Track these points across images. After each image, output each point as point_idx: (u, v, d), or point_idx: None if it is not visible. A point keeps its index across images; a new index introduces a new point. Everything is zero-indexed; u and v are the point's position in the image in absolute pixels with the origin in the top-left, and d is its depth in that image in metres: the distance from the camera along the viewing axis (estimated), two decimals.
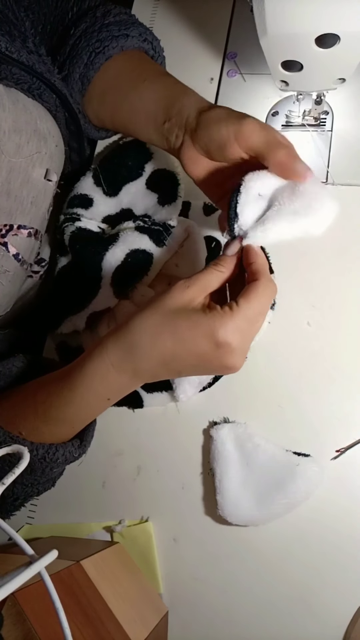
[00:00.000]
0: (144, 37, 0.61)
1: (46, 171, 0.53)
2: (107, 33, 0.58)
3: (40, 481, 0.49)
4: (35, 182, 0.52)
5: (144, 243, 0.56)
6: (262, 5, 0.44)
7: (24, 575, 0.33)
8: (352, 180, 0.59)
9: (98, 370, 0.44)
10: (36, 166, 0.52)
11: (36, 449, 0.45)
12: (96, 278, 0.57)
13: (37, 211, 0.53)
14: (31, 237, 0.52)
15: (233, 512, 0.49)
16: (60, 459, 0.46)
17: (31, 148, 0.50)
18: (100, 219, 0.63)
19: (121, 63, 0.59)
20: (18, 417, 0.45)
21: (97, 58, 0.58)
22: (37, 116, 0.52)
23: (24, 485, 0.48)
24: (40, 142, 0.52)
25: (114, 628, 0.42)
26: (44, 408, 0.45)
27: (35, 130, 0.51)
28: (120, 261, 0.56)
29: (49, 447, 0.45)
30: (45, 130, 0.53)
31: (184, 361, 0.43)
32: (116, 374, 0.44)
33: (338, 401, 0.52)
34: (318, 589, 0.49)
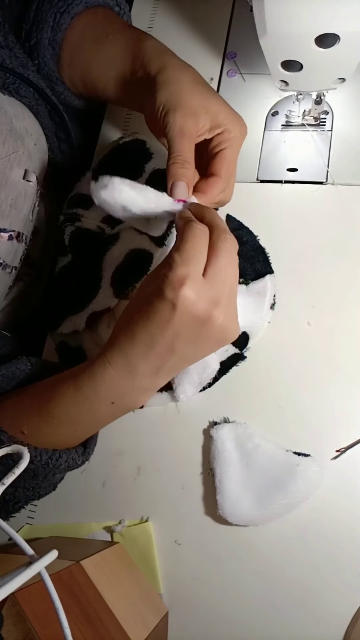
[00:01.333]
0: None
1: (25, 172, 0.52)
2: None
3: (42, 485, 0.49)
4: (14, 184, 0.51)
5: (143, 243, 0.56)
6: (262, 5, 0.44)
7: (24, 575, 0.33)
8: (352, 180, 0.59)
9: (97, 370, 0.44)
10: (14, 167, 0.51)
11: (40, 455, 0.45)
12: (96, 278, 0.57)
13: (17, 213, 0.52)
14: (12, 240, 0.51)
15: (233, 512, 0.49)
16: (64, 465, 0.46)
17: (7, 149, 0.49)
18: (100, 219, 0.63)
19: (85, 21, 0.57)
20: (21, 417, 0.45)
21: (63, 18, 0.56)
22: (12, 115, 0.51)
23: (25, 489, 0.48)
24: (17, 142, 0.51)
25: (114, 628, 0.42)
26: (48, 408, 0.45)
27: (10, 130, 0.50)
28: (120, 261, 0.56)
29: (52, 453, 0.45)
30: (22, 129, 0.51)
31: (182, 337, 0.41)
32: (114, 372, 0.43)
33: (338, 401, 0.52)
34: (318, 589, 0.49)
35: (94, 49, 0.56)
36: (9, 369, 0.49)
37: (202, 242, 0.40)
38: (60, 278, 0.61)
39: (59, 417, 0.45)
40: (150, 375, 0.44)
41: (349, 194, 0.59)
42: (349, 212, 0.58)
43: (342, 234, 0.58)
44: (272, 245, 0.57)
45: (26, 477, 0.45)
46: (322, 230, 0.58)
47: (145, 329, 0.42)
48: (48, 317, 0.60)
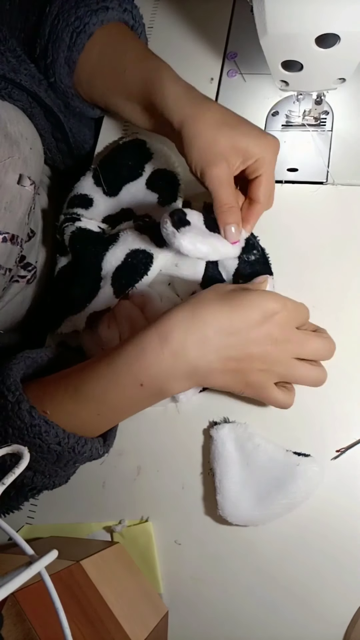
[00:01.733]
0: (124, 6, 0.58)
1: (20, 176, 0.52)
2: (85, 8, 0.55)
3: (60, 473, 0.49)
4: (9, 188, 0.51)
5: (144, 243, 0.56)
6: (262, 5, 0.44)
7: (24, 575, 0.33)
8: (352, 180, 0.59)
9: (140, 341, 0.44)
10: (9, 172, 0.51)
11: (68, 437, 0.44)
12: (96, 278, 0.57)
13: (12, 216, 0.52)
14: (7, 242, 0.51)
15: (233, 512, 0.49)
16: (87, 453, 0.46)
17: (2, 154, 0.49)
18: (100, 219, 0.63)
19: (103, 42, 0.57)
20: (47, 395, 0.45)
21: (80, 38, 0.56)
22: (7, 119, 0.50)
23: (43, 475, 0.47)
24: (12, 147, 0.51)
25: (114, 628, 0.42)
26: (76, 383, 0.45)
27: (5, 135, 0.50)
28: (121, 261, 0.56)
29: (79, 438, 0.45)
30: (17, 134, 0.51)
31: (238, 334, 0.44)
32: (160, 347, 0.43)
33: (338, 401, 0.52)
34: (318, 589, 0.49)
35: (113, 80, 0.57)
36: (38, 353, 0.50)
37: None
38: (60, 278, 0.61)
39: (85, 392, 0.44)
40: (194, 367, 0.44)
41: (349, 194, 0.59)
42: (349, 212, 0.58)
43: (342, 234, 0.58)
44: (272, 245, 0.57)
45: (49, 460, 0.45)
46: (322, 230, 0.58)
47: (225, 316, 0.44)
48: (48, 317, 0.60)
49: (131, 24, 0.61)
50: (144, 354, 0.43)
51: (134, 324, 0.55)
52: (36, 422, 0.43)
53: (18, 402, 0.43)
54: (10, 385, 0.44)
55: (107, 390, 0.45)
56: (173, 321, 0.44)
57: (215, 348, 0.44)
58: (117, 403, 0.46)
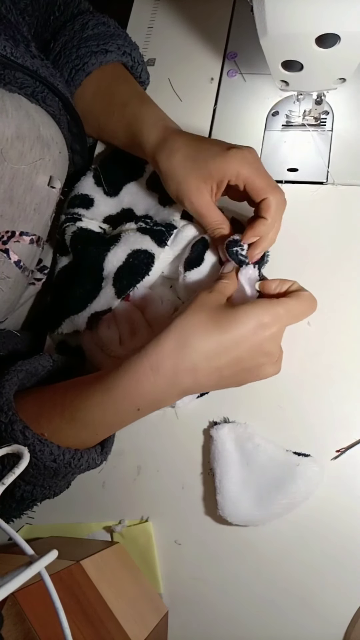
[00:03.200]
0: (123, 50, 0.62)
1: (50, 178, 0.53)
2: (86, 49, 0.60)
3: (59, 484, 0.49)
4: (39, 189, 0.52)
5: (145, 243, 0.56)
6: (262, 5, 0.44)
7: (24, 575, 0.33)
8: (352, 180, 0.59)
9: (135, 373, 0.44)
10: (40, 173, 0.51)
11: (63, 454, 0.44)
12: (98, 278, 0.57)
13: (40, 218, 0.53)
14: (33, 244, 0.52)
15: (233, 512, 0.49)
16: (84, 465, 0.46)
17: (34, 155, 0.50)
18: (102, 219, 0.63)
19: (98, 83, 0.61)
20: (43, 417, 0.45)
21: (78, 75, 0.60)
22: (40, 123, 0.52)
23: (43, 488, 0.48)
24: (43, 149, 0.52)
25: (114, 628, 0.42)
26: (72, 409, 0.45)
27: (38, 137, 0.51)
28: (122, 261, 0.56)
29: (74, 453, 0.45)
30: (48, 137, 0.53)
31: (228, 353, 0.44)
32: (153, 377, 0.44)
33: (338, 401, 0.52)
34: (318, 589, 0.49)
35: (103, 121, 0.61)
36: (32, 364, 0.49)
37: None
38: (61, 278, 0.61)
39: (82, 419, 0.45)
40: (189, 387, 0.45)
41: (349, 194, 0.59)
42: (349, 212, 0.58)
43: (342, 234, 0.58)
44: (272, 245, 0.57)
45: (46, 475, 0.45)
46: (322, 230, 0.58)
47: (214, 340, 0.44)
48: (48, 316, 0.60)
49: (130, 64, 0.64)
50: (140, 384, 0.44)
51: (134, 326, 0.55)
52: (30, 441, 0.43)
53: (11, 423, 0.43)
54: (2, 405, 0.44)
55: (105, 416, 0.45)
56: (163, 352, 0.44)
57: (207, 373, 0.45)
58: (114, 424, 0.47)
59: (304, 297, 0.48)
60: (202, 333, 0.44)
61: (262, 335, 0.45)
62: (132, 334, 0.55)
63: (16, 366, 0.48)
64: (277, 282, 0.50)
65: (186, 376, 0.45)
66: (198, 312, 0.45)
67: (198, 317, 0.45)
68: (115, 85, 0.61)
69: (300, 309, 0.48)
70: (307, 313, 0.49)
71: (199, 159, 0.52)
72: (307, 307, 0.48)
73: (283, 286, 0.50)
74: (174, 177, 0.53)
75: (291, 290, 0.49)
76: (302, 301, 0.48)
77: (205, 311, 0.45)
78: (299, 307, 0.47)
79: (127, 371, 0.44)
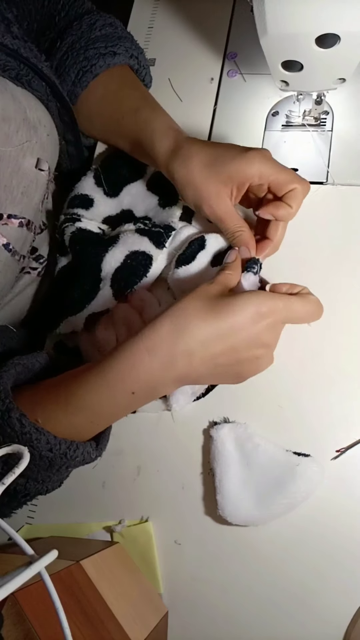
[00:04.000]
0: (130, 52, 0.62)
1: (37, 160, 0.52)
2: (94, 50, 0.59)
3: (53, 479, 0.49)
4: (26, 172, 0.51)
5: (143, 245, 0.56)
6: (262, 5, 0.44)
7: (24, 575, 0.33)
8: (352, 180, 0.59)
9: (131, 356, 0.44)
10: (27, 156, 0.51)
11: (59, 444, 0.44)
12: (96, 279, 0.57)
13: (28, 202, 0.52)
14: (23, 227, 0.52)
15: (233, 512, 0.49)
16: (79, 457, 0.46)
17: (21, 137, 0.50)
18: (101, 220, 0.63)
19: (106, 85, 0.61)
20: (37, 405, 0.45)
21: (85, 77, 0.59)
22: (26, 105, 0.51)
23: (36, 482, 0.47)
24: (30, 131, 0.51)
25: (114, 628, 0.42)
26: (67, 395, 0.45)
27: (24, 119, 0.50)
28: (120, 262, 0.56)
29: (70, 444, 0.45)
30: (35, 120, 0.52)
31: (223, 340, 0.44)
32: (148, 360, 0.44)
33: (338, 401, 0.52)
34: (318, 589, 0.49)
35: (111, 125, 0.61)
36: (29, 359, 0.49)
37: None
38: (60, 278, 0.61)
39: (76, 404, 0.45)
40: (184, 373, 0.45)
41: (349, 194, 0.59)
42: (349, 212, 0.58)
43: (342, 234, 0.58)
44: None
45: (41, 467, 0.45)
46: (322, 230, 0.58)
47: (210, 326, 0.44)
48: (47, 317, 0.60)
49: (136, 68, 0.64)
50: (135, 366, 0.44)
51: (131, 328, 0.55)
52: (27, 429, 0.43)
53: (8, 410, 0.43)
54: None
55: (100, 400, 0.45)
56: (159, 334, 0.44)
57: (202, 359, 0.45)
58: (109, 410, 0.46)
59: (308, 299, 0.48)
60: (200, 319, 0.44)
61: (259, 324, 0.45)
62: (130, 336, 0.55)
63: (13, 360, 0.48)
64: (287, 285, 0.50)
65: (181, 360, 0.44)
66: (197, 299, 0.45)
67: (196, 304, 0.45)
68: (124, 89, 0.61)
69: (301, 309, 0.48)
70: (310, 317, 0.49)
71: (217, 163, 0.52)
72: (310, 309, 0.48)
73: (293, 290, 0.50)
74: (191, 183, 0.53)
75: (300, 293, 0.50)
76: (305, 302, 0.48)
77: (203, 299, 0.45)
78: (301, 306, 0.47)
79: (122, 353, 0.44)
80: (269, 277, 0.53)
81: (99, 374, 0.45)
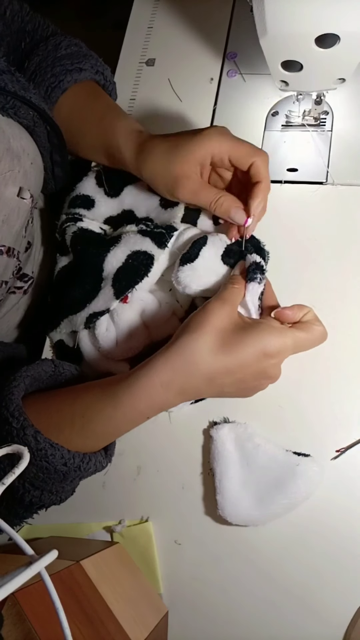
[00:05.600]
0: (96, 69, 0.63)
1: (19, 189, 0.53)
2: (60, 67, 0.61)
3: (66, 489, 0.50)
4: (7, 201, 0.52)
5: (145, 245, 0.56)
6: (262, 5, 0.44)
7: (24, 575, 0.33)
8: (352, 180, 0.59)
9: (146, 389, 0.45)
10: (9, 184, 0.51)
11: (73, 457, 0.45)
12: (97, 279, 0.56)
13: (9, 229, 0.52)
14: (2, 255, 0.52)
15: (233, 512, 0.49)
16: (92, 468, 0.48)
17: (3, 167, 0.50)
18: (102, 220, 0.63)
19: (73, 100, 0.62)
20: (52, 427, 0.46)
21: (54, 92, 0.61)
22: (10, 135, 0.52)
23: (50, 493, 0.48)
24: (13, 161, 0.51)
25: (114, 628, 0.42)
26: (83, 422, 0.46)
27: (7, 149, 0.51)
28: (122, 262, 0.56)
29: (83, 456, 0.46)
30: (19, 148, 0.53)
31: (231, 375, 0.46)
32: (163, 393, 0.46)
33: (338, 401, 0.52)
34: (318, 589, 0.49)
35: (79, 136, 0.62)
36: (36, 370, 0.50)
37: None
38: (61, 278, 0.61)
39: (93, 430, 0.47)
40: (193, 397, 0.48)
41: (349, 194, 0.59)
42: (349, 212, 0.58)
43: (342, 234, 0.58)
44: (272, 245, 0.57)
45: (56, 479, 0.46)
46: (322, 230, 0.58)
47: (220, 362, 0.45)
48: (47, 316, 0.60)
49: (102, 83, 0.65)
50: (151, 399, 0.46)
51: (132, 329, 0.55)
52: (42, 446, 0.44)
53: (23, 428, 0.44)
54: (13, 411, 0.45)
55: (116, 427, 0.47)
56: (173, 369, 0.45)
57: (211, 388, 0.47)
58: (122, 431, 0.48)
59: (315, 331, 0.48)
60: (210, 355, 0.45)
61: (267, 362, 0.46)
62: (129, 336, 0.55)
63: (21, 372, 0.48)
64: (294, 310, 0.49)
65: (193, 390, 0.47)
66: (208, 333, 0.46)
67: (206, 338, 0.45)
68: (90, 101, 0.62)
69: (309, 343, 0.48)
70: (315, 345, 0.49)
71: (177, 148, 0.53)
72: (316, 340, 0.49)
73: (298, 314, 0.49)
74: (159, 173, 0.54)
75: (305, 320, 0.49)
76: (312, 335, 0.48)
77: (215, 333, 0.46)
78: (308, 341, 0.48)
79: (137, 388, 0.46)
80: (269, 277, 0.53)
81: (115, 406, 0.46)
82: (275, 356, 0.46)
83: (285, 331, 0.47)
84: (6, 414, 0.45)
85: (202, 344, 0.45)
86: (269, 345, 0.45)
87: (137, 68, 0.72)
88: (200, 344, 0.45)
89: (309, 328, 0.48)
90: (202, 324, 0.46)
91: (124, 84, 0.71)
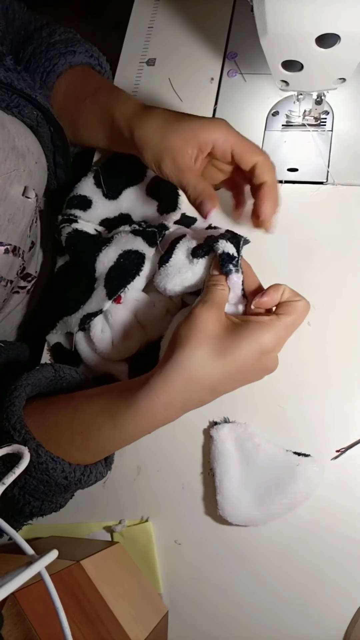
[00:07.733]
0: (90, 52, 0.63)
1: (24, 188, 0.53)
2: (54, 51, 0.60)
3: (67, 498, 0.50)
4: (13, 200, 0.52)
5: (136, 244, 0.56)
6: (262, 5, 0.44)
7: (24, 575, 0.33)
8: (352, 180, 0.59)
9: (147, 411, 0.45)
10: (14, 183, 0.51)
11: (74, 471, 0.45)
12: (90, 279, 0.56)
13: (14, 228, 0.52)
14: (8, 253, 0.52)
15: (233, 512, 0.49)
16: (93, 479, 0.48)
17: (8, 166, 0.50)
18: (98, 222, 0.62)
19: (69, 81, 0.61)
20: (51, 441, 0.45)
21: (49, 77, 0.60)
22: (15, 134, 0.52)
23: (50, 503, 0.48)
24: (18, 160, 0.51)
25: (114, 628, 0.42)
26: (82, 439, 0.46)
27: (12, 148, 0.51)
28: (113, 262, 0.56)
29: (84, 470, 0.46)
30: (24, 148, 0.52)
31: (232, 379, 0.46)
32: (165, 412, 0.45)
33: (338, 401, 0.52)
34: (318, 589, 0.49)
35: (76, 112, 0.61)
36: (36, 377, 0.49)
37: None
38: (57, 278, 0.61)
39: (94, 448, 0.46)
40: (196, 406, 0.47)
41: (349, 194, 0.59)
42: (349, 212, 0.58)
43: (342, 234, 0.58)
44: (272, 245, 0.58)
45: (57, 492, 0.47)
46: (322, 230, 0.58)
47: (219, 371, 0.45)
48: (45, 318, 0.60)
49: (97, 69, 0.64)
50: (152, 419, 0.45)
51: (127, 329, 0.55)
52: (43, 459, 0.44)
53: (24, 442, 0.44)
54: (15, 423, 0.44)
55: (118, 445, 0.48)
56: (173, 388, 0.45)
57: (215, 397, 0.47)
58: (123, 446, 0.49)
59: (299, 307, 0.48)
60: (209, 366, 0.45)
61: (265, 359, 0.46)
62: (125, 336, 0.55)
63: (22, 381, 0.48)
64: (270, 294, 0.48)
65: (195, 403, 0.47)
66: (202, 345, 0.45)
67: (202, 351, 0.45)
68: (86, 81, 0.62)
69: (299, 321, 0.48)
70: (304, 318, 0.49)
71: (179, 123, 0.52)
72: (303, 315, 0.48)
73: (275, 296, 0.48)
74: (151, 139, 0.52)
75: (284, 300, 0.48)
76: (298, 313, 0.48)
77: (209, 343, 0.45)
78: (297, 320, 0.48)
79: (138, 411, 0.45)
80: (269, 278, 0.53)
81: (116, 426, 0.45)
82: (272, 351, 0.46)
83: (275, 322, 0.46)
84: (8, 426, 0.44)
85: (199, 358, 0.44)
86: (264, 343, 0.45)
87: (137, 68, 0.72)
88: (197, 358, 0.44)
89: (293, 308, 0.47)
90: (193, 335, 0.45)
91: (125, 84, 0.71)
